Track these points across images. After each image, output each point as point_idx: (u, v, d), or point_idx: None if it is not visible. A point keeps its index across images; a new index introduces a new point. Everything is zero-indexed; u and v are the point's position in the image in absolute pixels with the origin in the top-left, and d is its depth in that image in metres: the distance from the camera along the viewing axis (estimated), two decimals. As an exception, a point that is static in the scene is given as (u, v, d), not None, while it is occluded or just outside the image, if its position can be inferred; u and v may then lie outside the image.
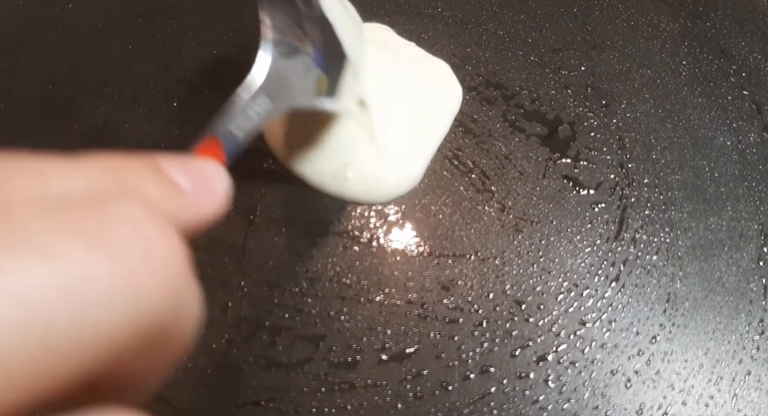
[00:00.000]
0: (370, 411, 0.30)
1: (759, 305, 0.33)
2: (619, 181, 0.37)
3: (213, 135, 0.23)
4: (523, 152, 0.37)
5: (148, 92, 0.39)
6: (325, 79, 0.29)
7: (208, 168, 0.18)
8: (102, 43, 0.41)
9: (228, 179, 0.19)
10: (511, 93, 0.39)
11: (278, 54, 0.27)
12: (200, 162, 0.18)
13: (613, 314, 0.33)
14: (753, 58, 0.41)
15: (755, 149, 0.38)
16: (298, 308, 0.32)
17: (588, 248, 0.35)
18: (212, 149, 0.22)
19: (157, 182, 0.15)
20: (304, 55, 0.29)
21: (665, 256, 0.34)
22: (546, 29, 0.42)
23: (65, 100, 0.39)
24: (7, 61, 0.40)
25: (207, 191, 0.17)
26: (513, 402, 0.31)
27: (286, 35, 0.28)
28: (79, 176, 0.13)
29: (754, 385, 0.31)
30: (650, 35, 0.42)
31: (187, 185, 0.16)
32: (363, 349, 0.31)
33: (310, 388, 0.31)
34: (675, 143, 0.38)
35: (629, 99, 0.40)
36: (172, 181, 0.16)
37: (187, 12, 0.42)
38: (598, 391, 0.31)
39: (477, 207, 0.35)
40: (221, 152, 0.23)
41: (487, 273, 0.34)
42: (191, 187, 0.16)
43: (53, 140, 0.37)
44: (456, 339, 0.32)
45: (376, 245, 0.34)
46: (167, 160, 0.16)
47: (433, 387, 0.31)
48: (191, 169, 0.17)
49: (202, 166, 0.18)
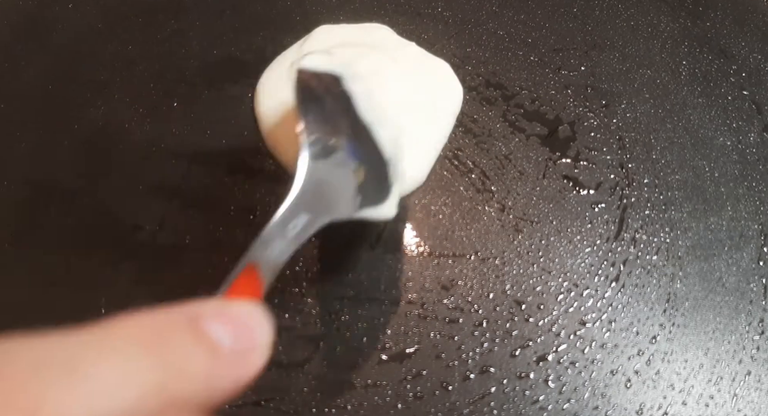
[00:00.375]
0: (370, 411, 0.30)
1: (759, 305, 0.33)
2: (619, 181, 0.37)
3: (251, 263, 0.21)
4: (523, 152, 0.37)
5: (148, 92, 0.39)
6: (362, 170, 0.27)
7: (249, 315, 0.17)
8: (102, 43, 0.41)
9: (270, 323, 0.17)
10: (511, 93, 0.39)
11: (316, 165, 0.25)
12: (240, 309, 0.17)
13: (613, 314, 0.33)
14: (753, 58, 0.41)
15: (755, 149, 0.38)
16: (298, 309, 0.32)
17: (588, 248, 0.35)
18: (250, 280, 0.21)
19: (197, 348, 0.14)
20: (339, 150, 0.27)
21: (665, 256, 0.34)
22: (546, 29, 0.42)
23: (65, 100, 0.39)
24: (7, 61, 0.40)
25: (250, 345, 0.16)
26: (513, 402, 0.31)
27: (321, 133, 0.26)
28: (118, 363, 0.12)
29: (754, 385, 0.31)
30: (650, 35, 0.42)
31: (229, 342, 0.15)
32: (363, 349, 0.31)
33: (310, 388, 0.31)
34: (675, 143, 0.38)
35: (629, 99, 0.40)
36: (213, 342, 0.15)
37: (187, 12, 0.42)
38: (598, 391, 0.31)
39: (477, 207, 0.35)
40: (259, 283, 0.21)
41: (487, 273, 0.34)
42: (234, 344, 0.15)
43: (53, 140, 0.37)
44: (456, 339, 0.32)
45: (376, 245, 0.34)
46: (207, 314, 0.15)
47: (433, 387, 0.31)
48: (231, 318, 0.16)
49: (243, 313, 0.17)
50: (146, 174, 0.36)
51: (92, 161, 0.37)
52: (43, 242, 0.34)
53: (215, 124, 0.38)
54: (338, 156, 0.26)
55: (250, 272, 0.21)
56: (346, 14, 0.41)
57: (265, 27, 0.41)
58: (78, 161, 0.37)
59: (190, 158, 0.36)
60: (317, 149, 0.26)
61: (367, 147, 0.27)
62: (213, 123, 0.38)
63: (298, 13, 0.42)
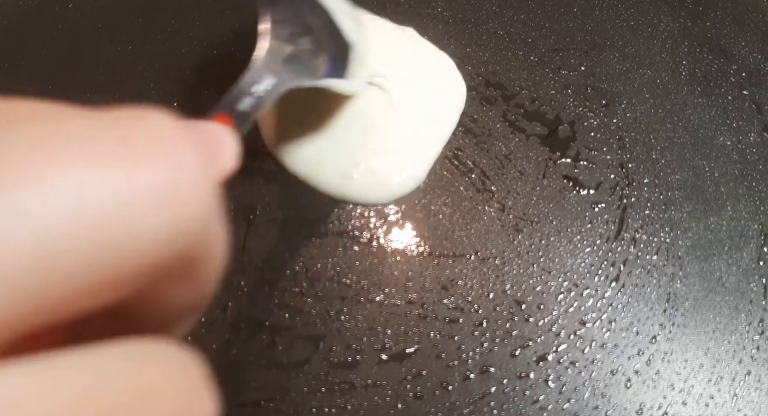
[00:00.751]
0: (370, 411, 0.30)
1: (759, 305, 0.33)
2: (619, 181, 0.37)
3: (222, 113, 0.24)
4: (523, 152, 0.37)
5: (148, 92, 0.39)
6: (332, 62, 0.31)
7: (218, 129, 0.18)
8: (102, 43, 0.41)
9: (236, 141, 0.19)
10: (511, 93, 0.39)
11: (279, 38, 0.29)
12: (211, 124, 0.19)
13: (613, 314, 0.33)
14: (753, 58, 0.41)
15: (755, 149, 0.38)
16: (298, 309, 0.32)
17: (588, 248, 0.35)
18: (222, 121, 0.23)
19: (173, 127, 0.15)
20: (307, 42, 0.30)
21: (665, 256, 0.34)
22: (546, 29, 0.42)
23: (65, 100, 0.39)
24: (7, 61, 0.40)
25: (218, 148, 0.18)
26: (513, 402, 0.31)
27: (287, 25, 0.30)
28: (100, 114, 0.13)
29: (754, 385, 0.31)
30: (650, 35, 0.42)
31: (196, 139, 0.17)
32: (363, 349, 0.31)
33: (310, 388, 0.31)
34: (675, 143, 0.38)
35: (629, 99, 0.40)
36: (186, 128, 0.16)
37: (187, 12, 0.42)
38: (598, 391, 0.31)
39: (477, 207, 0.35)
40: (231, 124, 0.23)
41: (487, 273, 0.34)
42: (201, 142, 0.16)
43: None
44: (456, 339, 0.32)
45: (376, 245, 0.34)
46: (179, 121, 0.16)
47: (433, 387, 0.31)
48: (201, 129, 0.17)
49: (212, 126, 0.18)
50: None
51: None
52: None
53: (215, 124, 0.38)
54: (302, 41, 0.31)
55: (222, 119, 0.23)
56: (346, 14, 0.42)
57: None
58: (78, 161, 0.37)
59: (190, 158, 0.36)
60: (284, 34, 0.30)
61: (330, 32, 0.30)
62: (213, 123, 0.38)
63: (298, 13, 0.42)
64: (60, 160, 0.10)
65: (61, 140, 0.11)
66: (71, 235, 0.10)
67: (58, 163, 0.10)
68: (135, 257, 0.11)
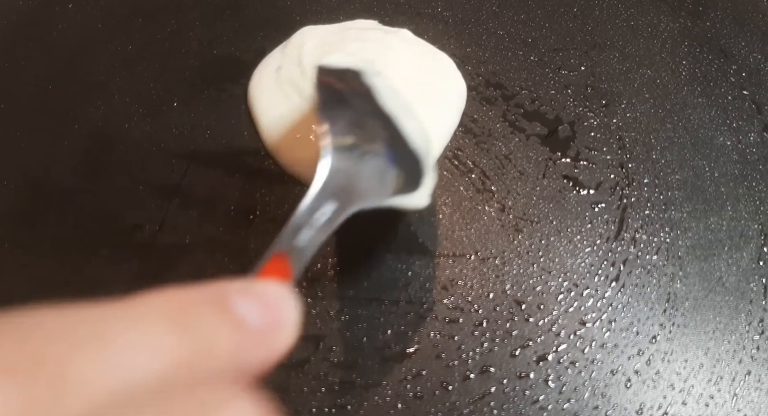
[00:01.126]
0: (370, 411, 0.30)
1: (759, 305, 0.33)
2: (619, 181, 0.37)
3: (279, 251, 0.21)
4: (523, 152, 0.37)
5: (148, 92, 0.39)
6: (402, 176, 0.27)
7: (276, 294, 0.17)
8: (102, 43, 0.41)
9: (297, 304, 0.17)
10: (511, 93, 0.39)
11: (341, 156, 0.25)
12: (268, 288, 0.17)
13: (613, 314, 0.33)
14: (753, 58, 0.41)
15: (755, 149, 0.38)
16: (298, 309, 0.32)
17: (588, 248, 0.35)
18: (279, 267, 0.20)
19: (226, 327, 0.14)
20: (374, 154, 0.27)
21: (665, 256, 0.34)
22: (546, 29, 0.42)
23: (65, 100, 0.39)
24: (7, 61, 0.40)
25: (278, 323, 0.16)
26: (513, 402, 0.31)
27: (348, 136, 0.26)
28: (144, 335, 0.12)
29: (754, 385, 0.31)
30: (650, 35, 0.42)
31: (255, 319, 0.15)
32: (363, 349, 0.31)
33: (310, 388, 0.31)
34: (675, 143, 0.38)
35: (629, 99, 0.40)
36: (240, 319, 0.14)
37: (187, 12, 0.42)
38: (598, 391, 0.31)
39: (477, 207, 0.35)
40: (288, 269, 0.21)
41: (487, 273, 0.34)
42: (260, 322, 0.15)
43: (53, 140, 0.37)
44: (456, 339, 0.32)
45: (376, 246, 0.34)
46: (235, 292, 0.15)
47: (433, 387, 0.31)
48: (258, 296, 0.16)
49: (270, 292, 0.16)
50: (146, 174, 0.36)
51: (92, 161, 0.37)
52: (42, 242, 0.34)
53: (215, 124, 0.38)
54: (363, 149, 0.26)
55: (279, 259, 0.21)
56: (346, 14, 0.41)
57: (265, 27, 0.41)
58: (78, 161, 0.37)
59: (190, 158, 0.36)
60: (346, 151, 0.26)
61: (394, 139, 0.27)
62: (213, 123, 0.38)
63: (297, 13, 0.42)
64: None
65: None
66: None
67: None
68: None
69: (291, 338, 0.16)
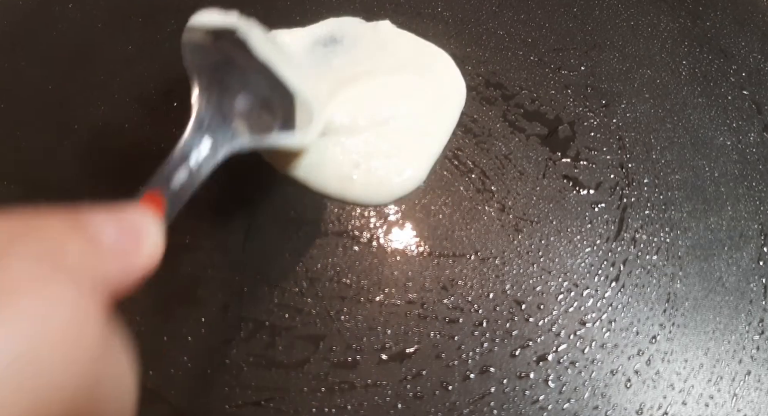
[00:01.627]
0: (370, 411, 0.30)
1: (759, 305, 0.33)
2: (619, 181, 0.37)
3: (153, 189, 0.22)
4: (523, 152, 0.37)
5: (148, 92, 0.39)
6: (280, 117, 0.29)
7: (137, 219, 0.18)
8: (102, 43, 0.41)
9: (160, 231, 0.18)
10: (511, 93, 0.39)
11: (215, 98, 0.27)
12: (129, 213, 0.18)
13: (613, 314, 0.33)
14: (753, 58, 0.41)
15: (755, 149, 0.38)
16: (298, 309, 0.32)
17: (588, 248, 0.35)
18: (151, 201, 0.21)
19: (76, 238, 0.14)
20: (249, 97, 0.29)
21: (665, 256, 0.34)
22: (546, 29, 0.42)
23: (65, 100, 0.39)
24: (7, 61, 0.40)
25: (134, 244, 0.17)
26: (513, 402, 0.31)
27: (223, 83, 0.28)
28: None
29: (754, 385, 0.31)
30: (650, 35, 0.42)
31: (111, 238, 0.16)
32: (363, 349, 0.31)
33: (310, 388, 0.31)
34: (675, 143, 0.38)
35: (629, 99, 0.40)
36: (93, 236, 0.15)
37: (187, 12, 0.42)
38: (598, 391, 0.31)
39: (477, 207, 0.35)
40: (160, 205, 0.21)
41: (487, 273, 0.34)
42: (116, 240, 0.16)
43: (53, 140, 0.37)
44: (456, 339, 0.32)
45: (376, 245, 0.34)
46: (93, 213, 0.16)
47: (433, 387, 0.31)
48: (120, 220, 0.16)
49: (132, 217, 0.17)
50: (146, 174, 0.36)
51: (92, 161, 0.37)
52: (43, 242, 0.34)
53: (215, 124, 0.38)
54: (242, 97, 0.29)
55: (152, 196, 0.22)
56: (345, 13, 0.41)
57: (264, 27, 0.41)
58: (78, 161, 0.37)
59: (190, 158, 0.36)
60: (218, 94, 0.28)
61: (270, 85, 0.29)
62: (213, 123, 0.38)
63: (297, 13, 0.42)
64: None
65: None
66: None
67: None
68: None
69: (149, 261, 0.17)
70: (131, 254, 0.17)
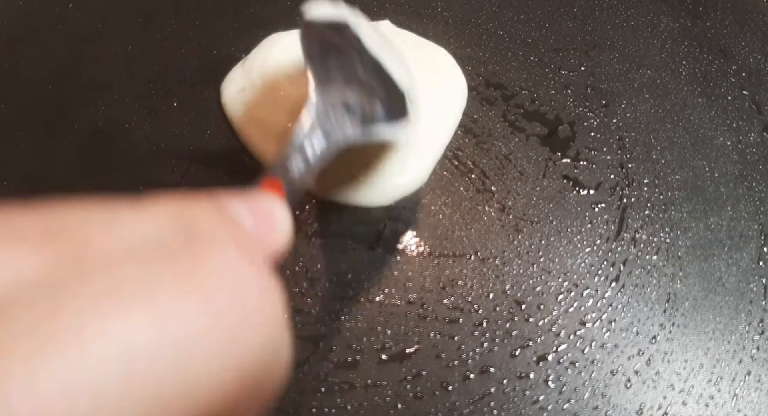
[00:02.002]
0: (370, 411, 0.30)
1: (759, 305, 0.33)
2: (619, 181, 0.37)
3: (272, 175, 0.23)
4: (523, 152, 0.37)
5: (148, 92, 0.39)
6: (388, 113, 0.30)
7: (269, 203, 0.18)
8: (102, 43, 0.41)
9: (289, 214, 0.18)
10: (511, 93, 0.39)
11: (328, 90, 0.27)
12: (261, 198, 0.18)
13: (613, 314, 0.33)
14: (753, 58, 0.41)
15: (755, 149, 0.38)
16: (298, 309, 0.32)
17: (588, 248, 0.35)
18: (273, 187, 0.22)
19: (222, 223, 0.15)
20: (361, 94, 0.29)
21: (665, 256, 0.34)
22: (546, 29, 0.42)
23: (65, 100, 0.39)
24: (7, 61, 0.40)
25: (270, 227, 0.17)
26: (513, 402, 0.31)
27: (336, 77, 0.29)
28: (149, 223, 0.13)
29: (754, 385, 0.31)
30: (650, 35, 0.42)
31: (248, 221, 0.16)
32: (363, 349, 0.31)
33: (310, 388, 0.31)
34: (675, 143, 0.38)
35: (629, 99, 0.40)
36: (234, 218, 0.16)
37: (187, 12, 0.42)
38: (598, 391, 0.31)
39: (477, 207, 0.35)
40: (281, 191, 0.22)
41: (487, 273, 0.34)
42: (252, 223, 0.16)
43: (53, 140, 0.37)
44: (456, 339, 0.32)
45: (376, 246, 0.34)
46: (230, 199, 0.16)
47: (433, 387, 0.31)
48: (253, 205, 0.17)
49: (264, 201, 0.18)
50: (146, 174, 0.36)
51: (92, 161, 0.37)
52: (43, 242, 0.34)
53: (215, 124, 0.38)
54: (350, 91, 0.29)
55: (272, 182, 0.22)
56: (346, 14, 0.41)
57: (265, 27, 0.41)
58: (78, 161, 0.37)
59: (190, 158, 0.36)
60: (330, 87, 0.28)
61: (381, 82, 0.29)
62: (213, 123, 0.38)
63: (297, 13, 0.42)
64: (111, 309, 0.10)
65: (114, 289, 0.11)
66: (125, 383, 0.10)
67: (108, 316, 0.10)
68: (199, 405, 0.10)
69: (282, 243, 0.17)
70: (267, 238, 0.17)
